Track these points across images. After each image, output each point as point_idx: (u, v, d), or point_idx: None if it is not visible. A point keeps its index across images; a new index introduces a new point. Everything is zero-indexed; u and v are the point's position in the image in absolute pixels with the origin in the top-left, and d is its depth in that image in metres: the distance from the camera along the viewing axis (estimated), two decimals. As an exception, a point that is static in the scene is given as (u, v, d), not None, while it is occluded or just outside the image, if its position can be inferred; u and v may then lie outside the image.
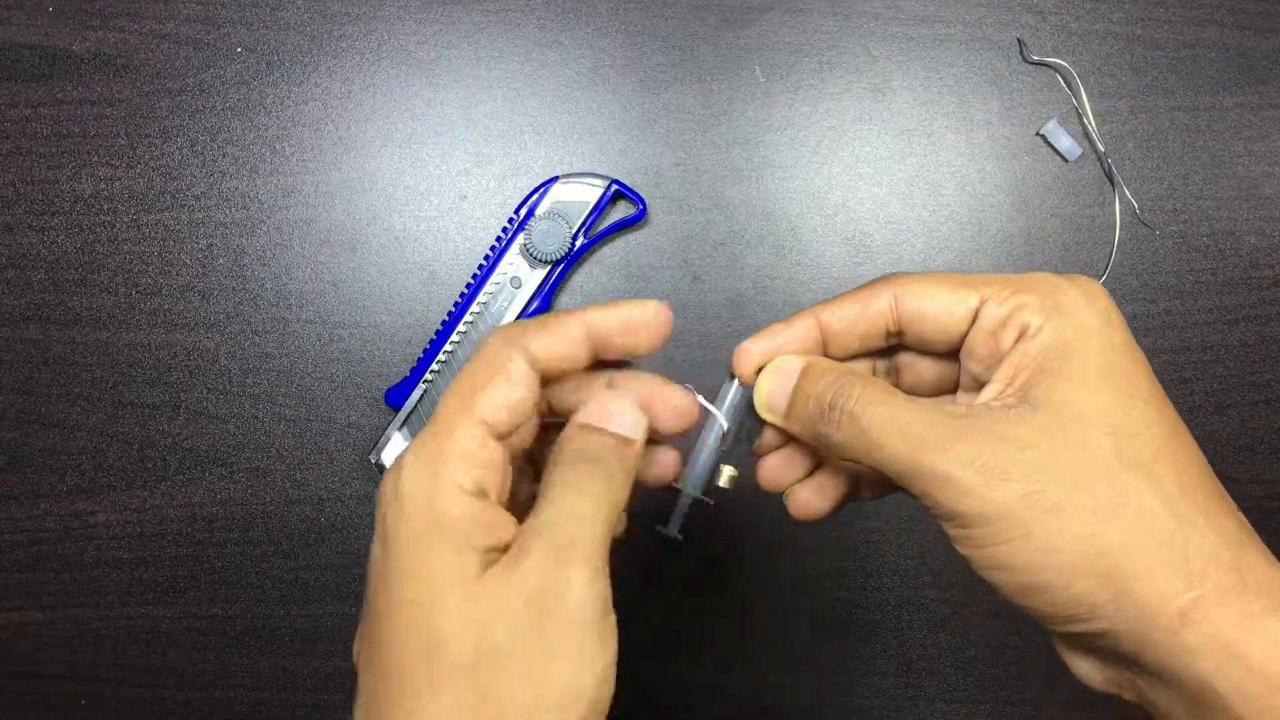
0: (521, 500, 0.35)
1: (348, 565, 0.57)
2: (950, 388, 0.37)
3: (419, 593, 0.30)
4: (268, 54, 0.57)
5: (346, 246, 0.57)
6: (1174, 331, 0.58)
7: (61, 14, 0.57)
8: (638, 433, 0.34)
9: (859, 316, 0.35)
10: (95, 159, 0.57)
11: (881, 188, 0.58)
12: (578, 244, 0.56)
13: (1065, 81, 0.59)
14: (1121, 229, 0.58)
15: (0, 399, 0.57)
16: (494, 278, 0.56)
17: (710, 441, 0.44)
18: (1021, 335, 0.32)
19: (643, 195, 0.57)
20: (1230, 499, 0.32)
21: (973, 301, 0.33)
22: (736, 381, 0.36)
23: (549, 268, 0.56)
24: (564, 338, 0.34)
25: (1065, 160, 0.58)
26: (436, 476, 0.31)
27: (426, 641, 0.30)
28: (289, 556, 0.57)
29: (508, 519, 0.32)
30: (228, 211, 0.57)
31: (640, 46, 0.58)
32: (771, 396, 0.35)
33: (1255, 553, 0.31)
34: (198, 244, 0.57)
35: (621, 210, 0.57)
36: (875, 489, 0.38)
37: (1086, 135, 0.58)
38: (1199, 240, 0.58)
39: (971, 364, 0.34)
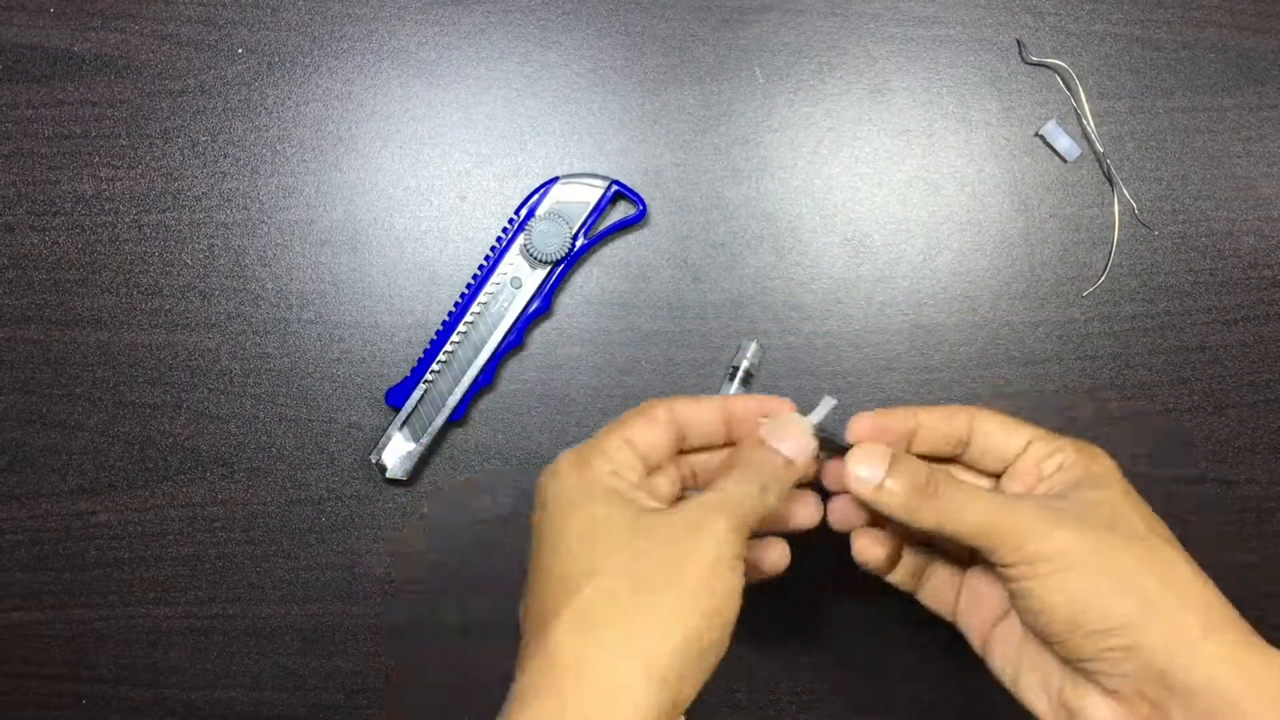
0: None
1: (348, 565, 0.57)
2: None
3: (583, 524, 0.39)
4: (269, 55, 0.58)
5: (347, 247, 0.58)
6: (1173, 332, 0.58)
7: (63, 15, 0.57)
8: (801, 457, 0.42)
9: (946, 420, 0.44)
10: (96, 159, 0.57)
11: (881, 188, 0.59)
12: (578, 244, 0.56)
13: (1064, 82, 0.59)
14: (1120, 229, 0.59)
15: (2, 399, 0.57)
16: (494, 278, 0.56)
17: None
18: (1059, 467, 0.42)
19: (643, 195, 0.57)
20: None
21: (1026, 436, 0.43)
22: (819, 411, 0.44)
23: (549, 268, 0.56)
24: (704, 407, 0.43)
25: (1064, 161, 0.58)
26: (585, 463, 0.40)
27: (590, 551, 0.38)
28: (289, 556, 0.57)
29: (646, 494, 0.41)
30: (229, 212, 0.57)
31: (640, 47, 0.58)
32: (866, 473, 0.42)
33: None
34: (199, 244, 0.57)
35: (622, 211, 0.57)
36: (913, 569, 0.47)
37: (1085, 136, 0.58)
38: (1198, 240, 0.59)
39: (1013, 484, 0.43)
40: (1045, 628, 0.40)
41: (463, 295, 0.56)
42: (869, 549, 0.45)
